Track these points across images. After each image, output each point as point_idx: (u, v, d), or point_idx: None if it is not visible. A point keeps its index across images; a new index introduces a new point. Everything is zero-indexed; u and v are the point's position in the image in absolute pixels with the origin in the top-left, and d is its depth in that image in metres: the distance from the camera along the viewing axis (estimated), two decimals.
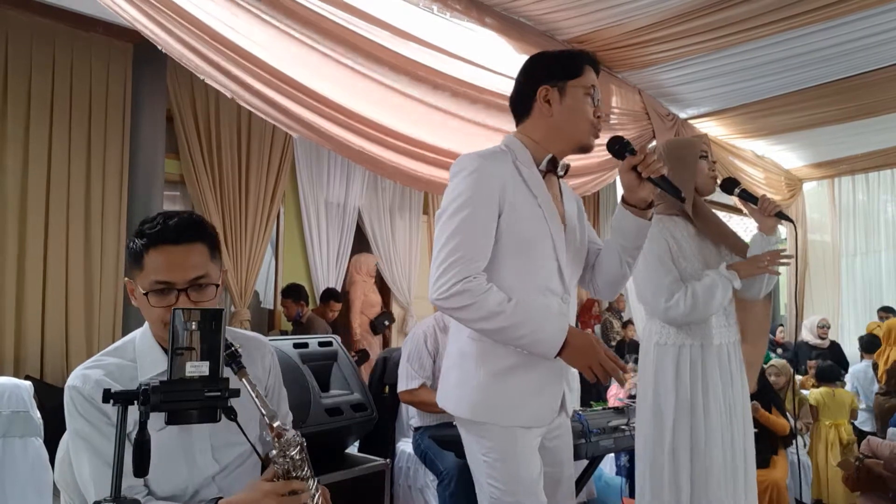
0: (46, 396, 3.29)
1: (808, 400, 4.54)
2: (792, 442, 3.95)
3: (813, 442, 4.41)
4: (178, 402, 1.09)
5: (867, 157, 7.50)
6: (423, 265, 6.92)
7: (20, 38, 4.15)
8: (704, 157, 2.32)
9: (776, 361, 4.65)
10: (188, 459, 1.36)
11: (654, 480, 2.24)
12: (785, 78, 4.93)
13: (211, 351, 1.11)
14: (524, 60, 1.83)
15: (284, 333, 5.38)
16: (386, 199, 6.55)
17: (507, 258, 1.66)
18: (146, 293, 1.32)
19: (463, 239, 1.60)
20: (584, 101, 1.72)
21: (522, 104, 1.78)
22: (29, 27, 4.15)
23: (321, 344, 2.77)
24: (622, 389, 4.11)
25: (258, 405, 1.21)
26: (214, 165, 5.11)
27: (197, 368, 1.10)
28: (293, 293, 5.43)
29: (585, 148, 1.76)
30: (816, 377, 4.85)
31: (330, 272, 6.09)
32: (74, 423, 1.32)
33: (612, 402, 3.88)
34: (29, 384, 3.05)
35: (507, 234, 1.65)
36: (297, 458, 1.25)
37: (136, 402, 1.09)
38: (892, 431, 4.48)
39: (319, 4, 2.90)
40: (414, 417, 3.22)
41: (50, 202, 4.26)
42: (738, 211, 7.70)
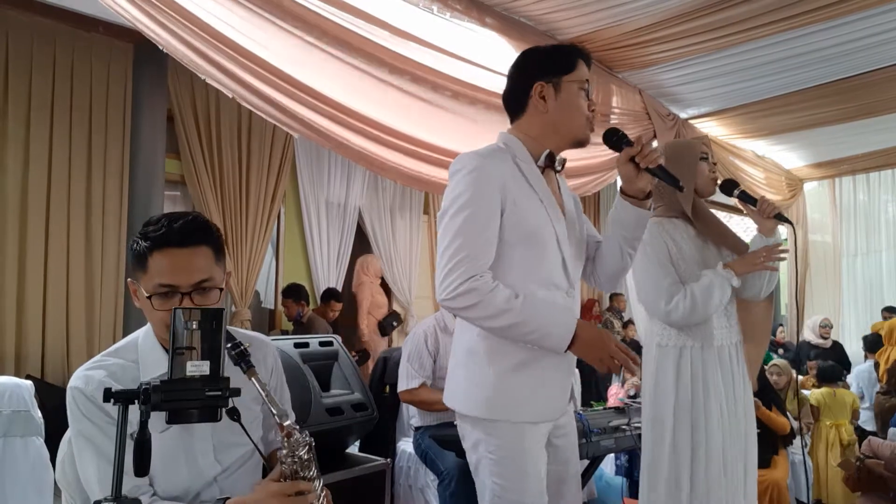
0: (47, 396, 3.29)
1: (808, 400, 4.53)
2: (792, 441, 3.95)
3: (813, 442, 4.41)
4: (178, 401, 1.09)
5: (868, 157, 7.50)
6: (423, 265, 6.92)
7: (20, 38, 4.15)
8: (705, 158, 2.31)
9: (778, 361, 4.65)
10: (189, 461, 1.36)
11: (653, 481, 2.24)
12: (785, 78, 4.93)
13: (212, 350, 1.12)
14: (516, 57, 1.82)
15: (285, 333, 5.38)
16: (386, 199, 6.55)
17: (511, 254, 1.66)
18: (150, 296, 1.32)
19: (466, 238, 1.60)
20: (578, 95, 1.72)
21: (517, 101, 1.77)
22: (29, 27, 4.15)
23: (322, 344, 2.78)
24: (622, 389, 4.11)
25: (268, 404, 1.20)
26: (215, 165, 5.12)
27: (198, 368, 1.10)
28: (294, 293, 5.43)
29: (582, 142, 1.76)
30: (818, 377, 4.84)
31: (330, 272, 6.09)
32: (77, 423, 1.31)
33: (611, 401, 3.87)
34: (30, 383, 3.05)
35: (510, 230, 1.65)
36: (305, 458, 1.24)
37: (136, 401, 1.09)
38: (892, 431, 4.47)
39: (319, 4, 2.90)
40: (414, 417, 3.22)
41: (50, 202, 4.27)
42: (738, 211, 7.69)
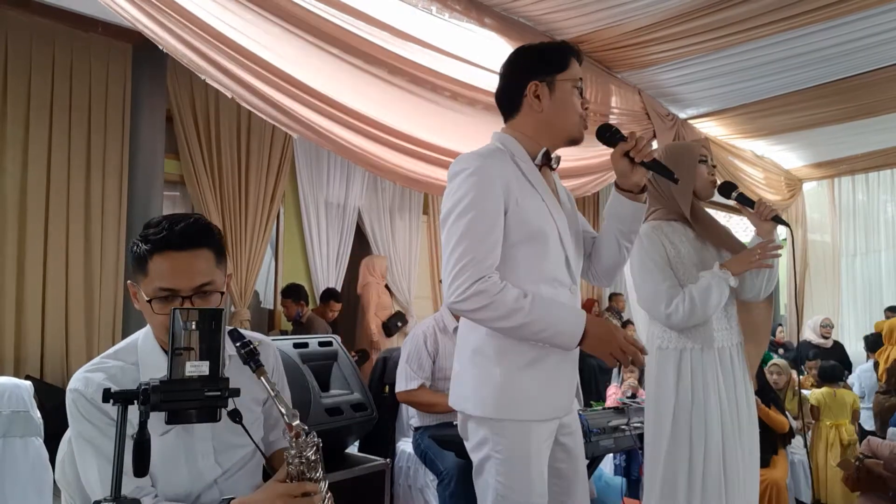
0: (47, 396, 3.29)
1: (807, 400, 4.53)
2: (791, 441, 3.95)
3: (813, 442, 4.40)
4: (177, 401, 1.09)
5: (867, 157, 7.50)
6: (422, 265, 6.92)
7: (20, 38, 4.15)
8: (704, 161, 2.31)
9: (778, 361, 4.65)
10: (190, 463, 1.36)
11: (652, 481, 2.25)
12: (785, 78, 4.93)
13: (211, 351, 1.11)
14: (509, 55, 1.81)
15: (284, 333, 5.38)
16: (386, 199, 6.55)
17: (515, 254, 1.66)
18: (150, 300, 1.31)
19: (472, 241, 1.59)
20: (572, 93, 1.72)
21: (511, 100, 1.77)
22: (28, 27, 4.15)
23: (321, 344, 2.78)
24: (619, 389, 4.11)
25: (277, 404, 1.20)
26: (214, 165, 5.11)
27: (197, 368, 1.10)
28: (293, 293, 5.43)
29: (576, 140, 1.76)
30: (819, 377, 4.82)
31: (330, 272, 6.09)
32: (78, 425, 1.30)
33: (609, 401, 3.87)
34: (29, 384, 3.05)
35: (514, 230, 1.65)
36: (312, 459, 1.24)
37: (135, 401, 1.09)
38: (892, 431, 4.47)
39: (318, 6, 2.90)
40: (414, 417, 3.22)
41: (50, 202, 4.27)
42: (737, 211, 7.67)
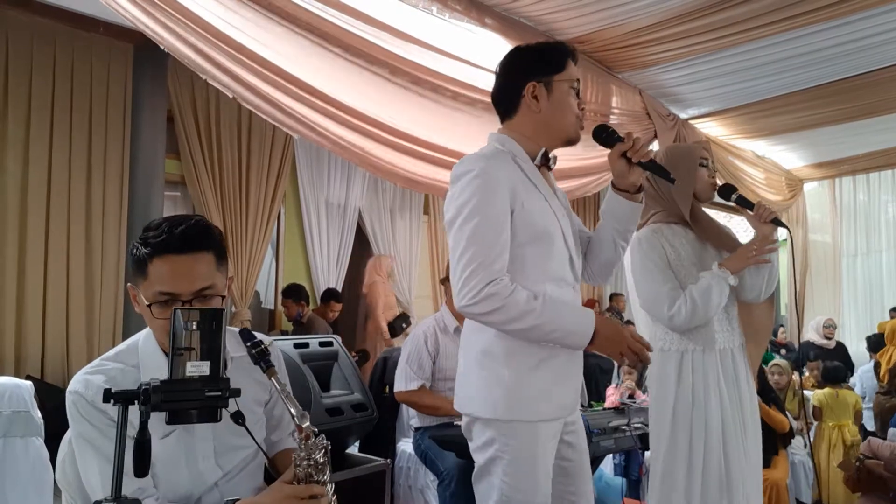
0: (47, 396, 3.29)
1: (808, 400, 4.52)
2: (791, 441, 3.94)
3: (816, 443, 4.37)
4: (178, 401, 1.09)
5: (868, 157, 7.49)
6: (423, 265, 6.92)
7: (20, 38, 4.15)
8: (704, 164, 2.31)
9: (779, 361, 4.64)
10: (190, 466, 1.35)
11: (653, 481, 2.26)
12: (785, 78, 4.92)
13: (211, 351, 1.11)
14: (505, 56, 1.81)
15: (285, 333, 5.38)
16: (386, 199, 6.55)
17: (522, 254, 1.66)
18: (150, 304, 1.29)
19: (480, 245, 1.59)
20: (569, 94, 1.73)
21: (509, 100, 1.77)
22: (29, 27, 4.15)
23: (322, 344, 2.78)
24: (617, 390, 4.09)
25: (287, 405, 1.19)
26: (215, 166, 5.12)
27: (197, 368, 1.10)
28: (294, 293, 5.43)
29: (573, 141, 1.77)
30: (823, 377, 4.80)
31: (330, 272, 6.10)
32: (78, 426, 1.30)
33: (608, 402, 3.87)
34: (30, 384, 3.05)
35: (521, 231, 1.65)
36: (321, 461, 1.23)
37: (136, 401, 1.08)
38: (892, 432, 4.47)
39: (318, 6, 2.89)
40: (414, 417, 3.21)
41: (50, 202, 4.27)
42: (738, 211, 7.68)
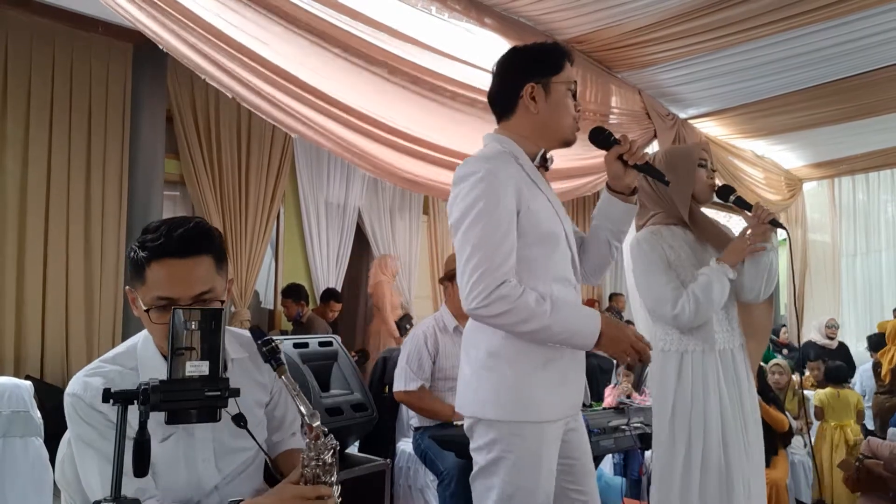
0: (47, 396, 3.29)
1: (808, 400, 4.51)
2: (791, 441, 3.94)
3: (817, 443, 4.35)
4: (177, 401, 1.09)
5: (867, 157, 7.49)
6: (422, 265, 6.92)
7: (20, 38, 4.15)
8: (703, 165, 2.31)
9: (780, 361, 4.64)
10: (190, 469, 1.35)
11: (654, 481, 2.25)
12: (785, 78, 4.92)
13: (211, 351, 1.11)
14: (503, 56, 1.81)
15: (284, 333, 5.38)
16: (386, 199, 6.55)
17: (528, 255, 1.66)
18: (147, 309, 1.28)
19: (488, 248, 1.58)
20: (566, 96, 1.74)
21: (507, 101, 1.76)
22: (29, 27, 4.15)
23: (321, 344, 2.79)
24: (614, 391, 4.09)
25: (298, 404, 1.19)
26: (214, 165, 5.12)
27: (197, 368, 1.10)
28: (293, 293, 5.43)
29: (569, 142, 1.78)
30: (825, 377, 4.78)
31: (330, 272, 6.09)
32: (77, 429, 1.29)
33: (606, 402, 3.86)
34: (29, 384, 3.05)
35: (527, 232, 1.65)
36: (329, 462, 1.23)
37: (135, 401, 1.08)
38: (892, 431, 4.47)
39: (317, 6, 2.88)
40: (414, 417, 3.21)
41: (50, 202, 4.27)
42: (737, 211, 7.68)
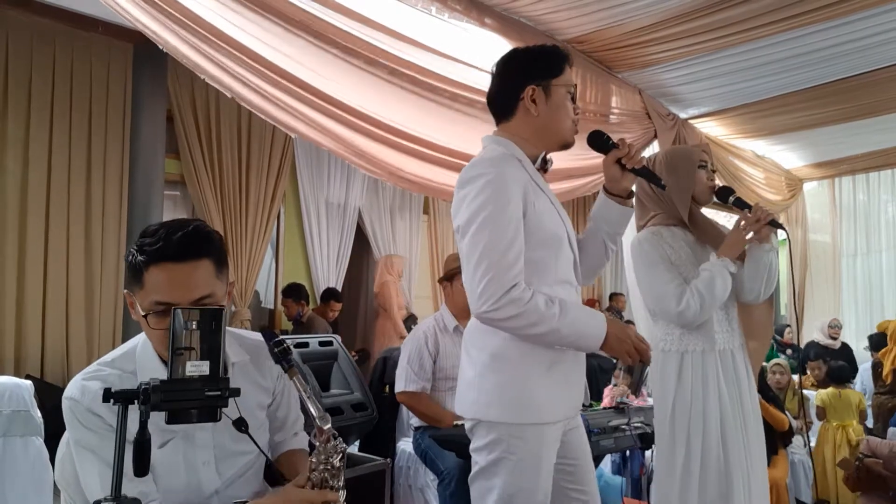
0: (47, 396, 3.29)
1: (808, 400, 4.51)
2: (791, 441, 3.94)
3: (819, 443, 4.33)
4: (178, 401, 1.08)
5: (867, 157, 7.49)
6: (422, 265, 6.92)
7: (20, 38, 4.15)
8: (703, 166, 2.32)
9: (781, 361, 4.64)
10: (190, 473, 1.34)
11: (654, 480, 2.26)
12: (785, 78, 4.92)
13: (211, 350, 1.11)
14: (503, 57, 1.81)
15: (285, 333, 5.38)
16: (386, 199, 6.55)
17: (533, 257, 1.66)
18: (146, 314, 1.26)
19: (497, 252, 1.58)
20: (566, 99, 1.74)
21: (507, 103, 1.76)
22: (29, 27, 4.16)
23: (321, 343, 2.79)
24: (611, 392, 4.09)
25: (309, 406, 1.19)
26: (215, 165, 5.12)
27: (197, 368, 1.09)
28: (294, 293, 5.44)
29: (568, 145, 1.79)
30: (828, 377, 4.77)
31: (330, 272, 6.10)
32: (76, 433, 1.28)
33: (604, 403, 3.87)
34: (29, 383, 3.05)
35: (532, 234, 1.65)
36: (337, 466, 1.22)
37: (136, 401, 1.08)
38: (892, 431, 4.47)
39: (316, 7, 2.88)
40: (414, 417, 3.22)
41: (50, 202, 4.27)
42: (737, 212, 7.68)
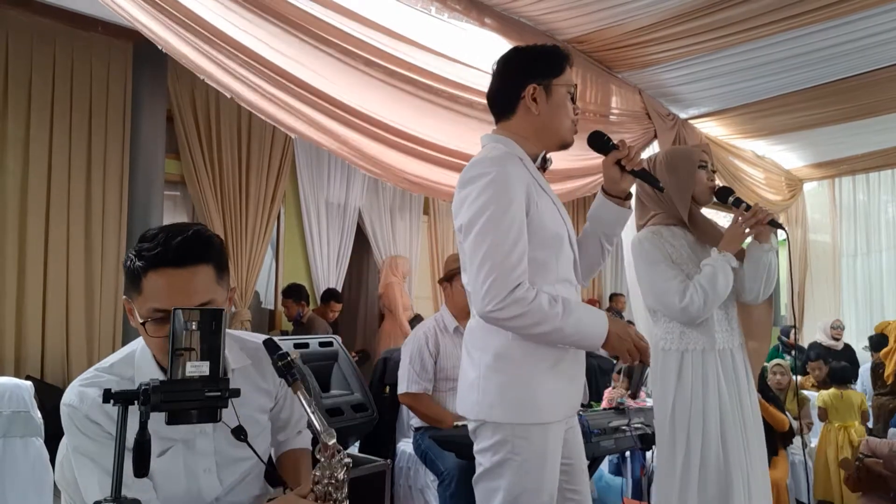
0: (47, 396, 3.29)
1: (808, 400, 4.50)
2: (792, 441, 3.94)
3: (821, 444, 4.32)
4: (178, 401, 1.08)
5: (867, 157, 7.49)
6: (423, 265, 6.91)
7: (20, 38, 4.15)
8: (703, 166, 2.32)
9: (781, 361, 4.64)
10: (191, 481, 1.34)
11: (655, 479, 2.26)
12: (785, 78, 4.92)
13: (211, 351, 1.11)
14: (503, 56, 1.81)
15: (285, 333, 5.38)
16: (386, 199, 6.55)
17: (536, 256, 1.66)
18: (144, 322, 1.24)
19: (501, 252, 1.58)
20: (566, 98, 1.74)
21: (507, 101, 1.76)
22: (29, 27, 4.15)
23: (322, 344, 2.79)
24: (609, 394, 4.08)
25: (314, 421, 1.18)
26: (215, 165, 5.12)
27: (197, 368, 1.10)
28: (294, 293, 5.44)
29: (567, 145, 1.79)
30: (830, 378, 4.76)
31: (330, 272, 6.10)
32: (74, 440, 1.28)
33: (604, 403, 3.87)
34: (29, 384, 3.05)
35: (535, 233, 1.65)
36: (341, 478, 1.23)
37: (136, 401, 1.08)
38: (892, 432, 4.47)
39: (316, 7, 2.88)
40: (414, 417, 3.22)
41: (50, 202, 4.27)
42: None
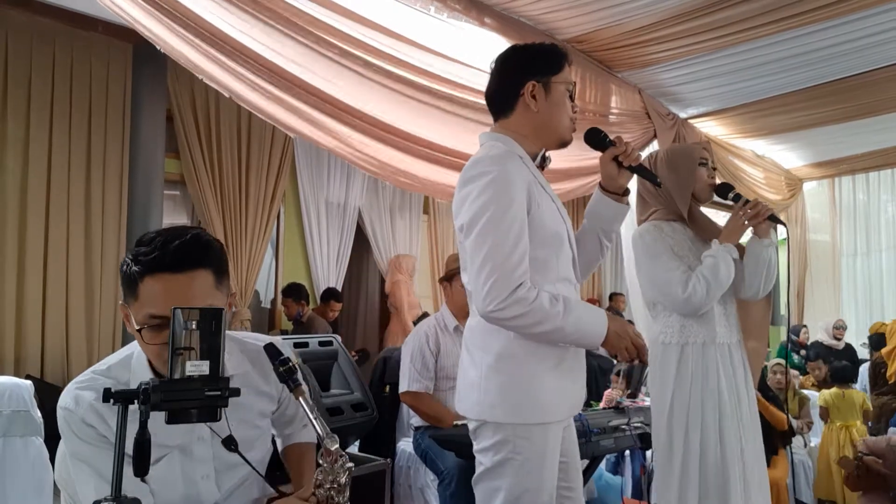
0: (47, 396, 3.29)
1: (808, 399, 4.51)
2: (791, 441, 3.94)
3: (823, 443, 4.31)
4: (178, 401, 1.08)
5: (867, 156, 7.50)
6: (423, 265, 6.91)
7: (20, 38, 4.15)
8: (704, 164, 2.32)
9: (782, 361, 4.64)
10: (189, 487, 1.33)
11: (655, 475, 2.26)
12: (785, 78, 4.93)
13: (211, 350, 1.11)
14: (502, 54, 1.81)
15: (285, 333, 5.38)
16: (386, 198, 6.55)
17: (536, 255, 1.65)
18: (140, 329, 1.21)
19: (503, 251, 1.58)
20: (565, 96, 1.74)
21: (506, 99, 1.76)
22: (29, 27, 4.15)
23: (321, 343, 2.79)
24: (607, 394, 4.08)
25: (316, 427, 1.18)
26: (214, 165, 5.11)
27: (197, 368, 1.09)
28: (294, 293, 5.44)
29: (566, 143, 1.79)
30: (831, 377, 4.75)
31: (330, 272, 6.10)
32: (71, 444, 1.27)
33: (604, 403, 3.86)
34: (29, 383, 3.05)
35: (536, 232, 1.65)
36: (343, 482, 1.23)
37: (136, 401, 1.08)
38: (893, 431, 4.47)
39: (315, 7, 2.88)
40: (414, 417, 3.22)
41: (50, 201, 4.27)
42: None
